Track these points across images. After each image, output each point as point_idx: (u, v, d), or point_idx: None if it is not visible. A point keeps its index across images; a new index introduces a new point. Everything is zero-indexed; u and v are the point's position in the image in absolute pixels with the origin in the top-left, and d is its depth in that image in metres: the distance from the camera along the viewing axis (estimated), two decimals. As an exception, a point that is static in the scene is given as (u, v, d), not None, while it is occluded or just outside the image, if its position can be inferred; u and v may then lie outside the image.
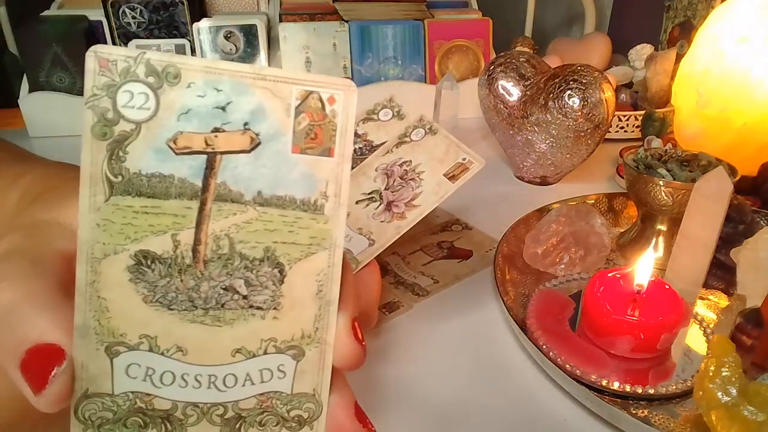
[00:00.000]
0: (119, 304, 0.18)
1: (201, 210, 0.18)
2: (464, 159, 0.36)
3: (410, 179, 0.36)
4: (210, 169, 0.18)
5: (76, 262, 0.18)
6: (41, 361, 0.17)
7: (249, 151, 0.18)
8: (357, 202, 0.37)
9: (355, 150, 0.40)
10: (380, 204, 0.36)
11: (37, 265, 0.19)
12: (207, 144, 0.18)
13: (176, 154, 0.18)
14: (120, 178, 0.18)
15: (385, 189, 0.36)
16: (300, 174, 0.19)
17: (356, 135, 0.38)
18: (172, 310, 0.18)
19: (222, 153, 0.18)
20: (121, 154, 0.18)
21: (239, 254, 0.19)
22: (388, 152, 0.38)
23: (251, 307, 0.19)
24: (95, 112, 0.17)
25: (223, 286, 0.19)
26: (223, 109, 0.18)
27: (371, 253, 0.35)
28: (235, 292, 0.19)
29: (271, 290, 0.19)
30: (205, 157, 0.18)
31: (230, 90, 0.18)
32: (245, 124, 0.18)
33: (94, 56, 0.17)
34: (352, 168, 0.38)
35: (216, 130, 0.18)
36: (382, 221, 0.35)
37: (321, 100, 0.18)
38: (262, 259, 0.19)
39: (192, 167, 0.18)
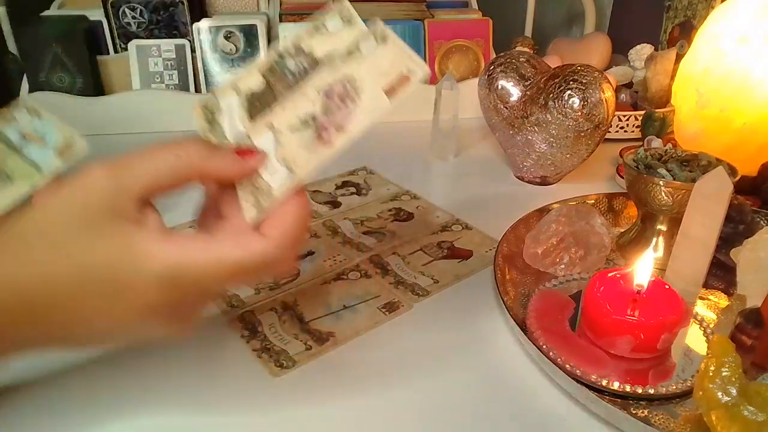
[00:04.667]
0: None
1: None
2: (408, 69, 0.33)
3: (348, 98, 0.32)
4: None
5: None
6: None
7: None
8: (292, 131, 0.33)
9: (298, 71, 0.36)
10: (312, 130, 0.33)
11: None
12: None
13: None
14: None
15: (322, 114, 0.33)
16: None
17: (301, 52, 0.35)
18: None
19: None
20: None
21: None
22: (331, 69, 0.34)
23: None
24: None
25: None
26: None
27: (292, 185, 0.32)
28: None
29: None
30: None
31: None
32: None
33: None
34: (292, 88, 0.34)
35: None
36: (310, 151, 0.32)
37: None
38: None
39: None
